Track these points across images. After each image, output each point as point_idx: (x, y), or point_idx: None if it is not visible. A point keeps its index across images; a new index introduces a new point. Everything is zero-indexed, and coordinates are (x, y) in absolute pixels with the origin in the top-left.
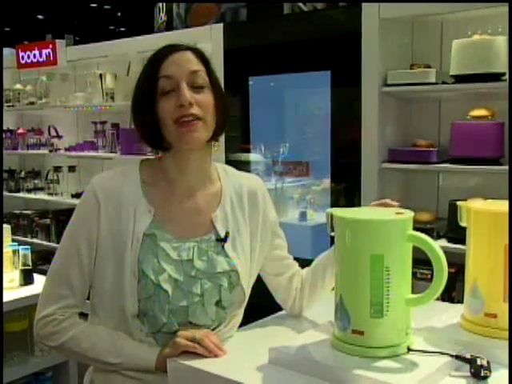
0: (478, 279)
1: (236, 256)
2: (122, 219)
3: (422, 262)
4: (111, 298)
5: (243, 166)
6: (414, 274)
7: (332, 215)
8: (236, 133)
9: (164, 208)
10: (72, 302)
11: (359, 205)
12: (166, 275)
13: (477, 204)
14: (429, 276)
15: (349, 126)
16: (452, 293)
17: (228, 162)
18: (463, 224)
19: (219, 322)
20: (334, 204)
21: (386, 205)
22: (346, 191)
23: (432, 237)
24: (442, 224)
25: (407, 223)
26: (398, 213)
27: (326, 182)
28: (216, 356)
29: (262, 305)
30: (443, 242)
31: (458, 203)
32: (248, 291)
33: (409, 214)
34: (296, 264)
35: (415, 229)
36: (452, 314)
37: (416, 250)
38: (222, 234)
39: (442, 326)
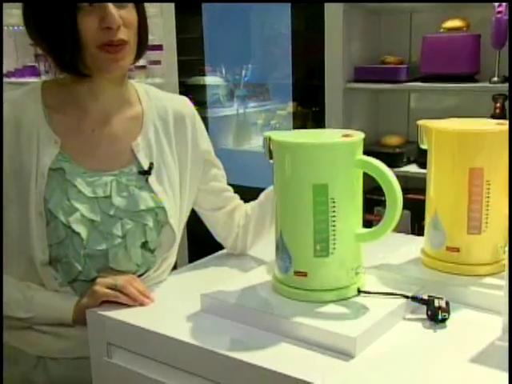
0: (440, 209)
1: (162, 190)
2: (22, 152)
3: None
4: (17, 244)
5: (201, 90)
6: (382, 203)
7: (270, 139)
8: (192, 55)
9: (74, 137)
10: None
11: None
12: (79, 215)
13: (438, 123)
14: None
15: (313, 44)
16: (421, 222)
17: (184, 87)
18: (424, 146)
19: (147, 266)
20: (300, 129)
21: None
22: (313, 115)
23: (401, 162)
24: (412, 148)
25: (356, 147)
26: (345, 135)
27: (292, 106)
28: (142, 305)
29: (206, 242)
30: (413, 168)
31: (418, 122)
32: (179, 230)
33: (358, 137)
34: (237, 197)
35: (383, 154)
36: (413, 248)
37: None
38: (146, 166)
39: (399, 263)
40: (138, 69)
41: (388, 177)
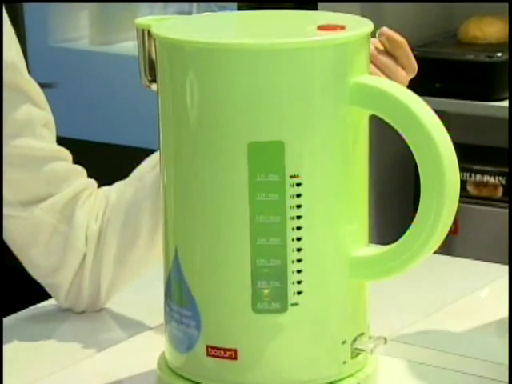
0: None
1: None
2: None
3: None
4: None
5: None
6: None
7: (148, 34)
8: None
9: None
10: None
11: None
12: None
13: None
14: (494, 187)
15: None
16: None
17: None
18: None
19: None
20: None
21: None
22: None
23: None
24: None
25: (348, 54)
26: (324, 27)
27: None
28: None
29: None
30: None
31: None
32: None
33: (357, 30)
34: (82, 174)
35: (463, 65)
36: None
37: None
38: None
39: (461, 330)
40: None
41: (422, 122)
